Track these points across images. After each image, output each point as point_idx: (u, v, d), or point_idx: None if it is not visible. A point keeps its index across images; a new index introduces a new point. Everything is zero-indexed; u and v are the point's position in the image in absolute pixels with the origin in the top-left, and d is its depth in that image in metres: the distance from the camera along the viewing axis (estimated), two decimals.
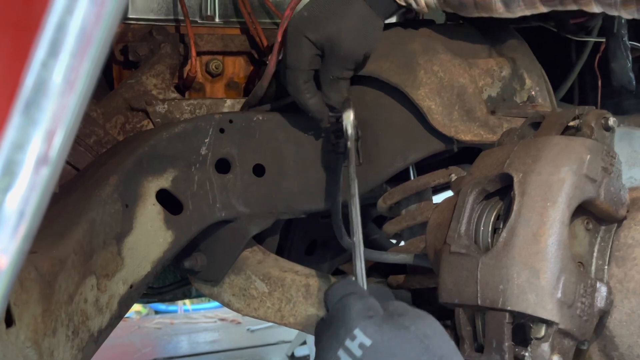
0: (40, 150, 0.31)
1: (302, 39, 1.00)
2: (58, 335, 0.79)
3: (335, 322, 0.64)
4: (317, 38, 0.99)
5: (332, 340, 0.63)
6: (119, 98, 1.17)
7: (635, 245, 0.76)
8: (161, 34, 1.22)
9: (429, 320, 0.64)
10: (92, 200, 0.94)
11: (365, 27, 1.00)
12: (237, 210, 1.08)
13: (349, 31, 0.99)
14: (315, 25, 0.99)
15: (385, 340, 0.61)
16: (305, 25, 1.00)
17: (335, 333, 0.63)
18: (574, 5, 0.96)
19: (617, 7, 0.92)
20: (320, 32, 0.99)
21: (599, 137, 0.78)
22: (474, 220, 0.79)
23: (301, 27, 1.00)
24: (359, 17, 0.99)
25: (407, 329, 0.62)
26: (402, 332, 0.61)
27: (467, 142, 1.06)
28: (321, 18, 0.99)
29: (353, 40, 0.99)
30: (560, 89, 1.41)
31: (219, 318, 3.44)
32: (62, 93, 0.31)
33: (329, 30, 0.99)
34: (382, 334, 0.61)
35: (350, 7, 0.99)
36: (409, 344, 0.61)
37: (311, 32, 0.99)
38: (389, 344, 0.61)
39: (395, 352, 0.60)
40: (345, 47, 0.99)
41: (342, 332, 0.62)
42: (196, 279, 1.16)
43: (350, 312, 0.63)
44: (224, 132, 1.07)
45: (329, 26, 0.98)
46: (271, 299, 1.13)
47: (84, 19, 0.30)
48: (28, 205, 0.31)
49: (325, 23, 0.99)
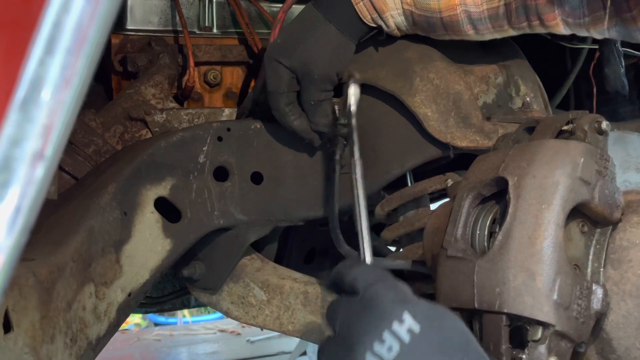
0: (36, 146, 0.31)
1: (277, 65, 1.04)
2: (56, 342, 0.79)
3: (375, 304, 0.61)
4: (291, 64, 1.04)
5: (375, 321, 0.60)
6: (117, 108, 1.18)
7: (631, 247, 0.77)
8: (160, 45, 1.23)
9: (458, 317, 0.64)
10: (90, 209, 0.94)
11: (336, 50, 1.04)
12: (235, 218, 1.09)
13: (320, 55, 1.03)
14: (288, 51, 1.04)
15: (432, 327, 0.60)
16: (278, 52, 1.04)
17: (378, 315, 0.60)
18: (543, 29, 0.98)
19: (587, 27, 0.93)
20: (293, 58, 1.03)
21: (592, 140, 0.79)
22: (470, 224, 0.80)
23: (275, 54, 1.05)
24: (330, 41, 1.03)
25: (449, 316, 0.61)
26: (447, 320, 0.61)
27: (463, 148, 1.06)
28: (293, 44, 1.04)
29: (325, 64, 1.03)
30: (556, 96, 1.42)
31: (218, 329, 3.43)
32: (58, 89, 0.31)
33: (300, 55, 1.03)
34: (430, 320, 0.60)
35: (321, 33, 1.03)
36: (453, 331, 0.60)
37: (285, 58, 1.04)
38: (436, 331, 0.59)
39: (441, 340, 0.59)
40: (318, 71, 1.03)
41: (388, 315, 0.60)
42: (195, 287, 1.16)
43: (392, 296, 0.61)
44: (221, 141, 1.08)
45: (301, 52, 1.03)
46: (270, 306, 1.13)
47: (79, 17, 0.31)
48: (24, 200, 0.32)
49: (297, 49, 1.03)
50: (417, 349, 0.59)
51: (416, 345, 0.59)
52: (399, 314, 0.60)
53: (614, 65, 1.22)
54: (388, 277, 0.65)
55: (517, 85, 1.13)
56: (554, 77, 1.39)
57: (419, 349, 0.59)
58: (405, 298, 0.62)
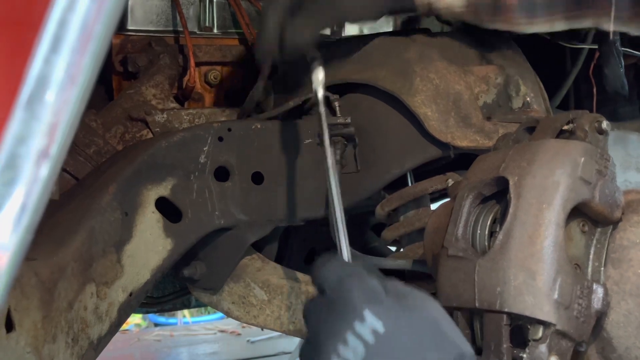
0: (42, 145, 0.31)
1: None
2: (58, 342, 0.79)
3: (338, 304, 0.58)
4: None
5: (337, 323, 0.57)
6: (118, 108, 1.18)
7: (631, 246, 0.77)
8: (160, 45, 1.23)
9: (432, 301, 0.60)
10: (91, 209, 0.95)
11: None
12: (235, 218, 1.09)
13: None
14: None
15: (398, 325, 0.56)
16: None
17: (340, 316, 0.57)
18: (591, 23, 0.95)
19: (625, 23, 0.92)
20: None
21: (592, 140, 0.79)
22: (470, 223, 0.80)
23: None
24: None
25: (418, 311, 0.58)
26: (415, 316, 0.57)
27: (464, 148, 1.06)
28: None
29: None
30: (556, 96, 1.42)
31: (218, 330, 3.43)
32: (64, 88, 0.31)
33: None
34: (394, 319, 0.56)
35: None
36: (422, 328, 0.57)
37: None
38: (403, 330, 0.56)
39: (409, 338, 0.56)
40: None
41: (350, 315, 0.56)
42: (195, 287, 1.16)
43: (355, 294, 0.58)
44: (222, 141, 1.08)
45: None
46: (270, 306, 1.13)
47: (85, 16, 0.31)
48: (30, 198, 0.32)
49: None
50: (383, 350, 0.55)
51: (381, 346, 0.55)
52: (360, 314, 0.56)
53: (614, 65, 1.23)
54: (358, 273, 0.61)
55: (517, 85, 1.13)
56: (554, 77, 1.40)
57: (385, 351, 0.55)
58: (371, 295, 0.58)
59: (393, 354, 0.55)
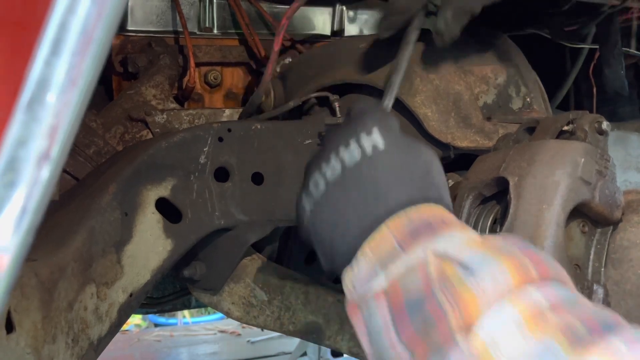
0: (42, 147, 0.31)
1: None
2: (58, 343, 0.79)
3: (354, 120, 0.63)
4: None
5: (347, 131, 0.62)
6: (118, 109, 1.18)
7: (631, 247, 0.77)
8: (160, 46, 1.23)
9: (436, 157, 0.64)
10: (91, 209, 0.94)
11: None
12: (236, 219, 1.09)
13: None
14: None
15: (397, 150, 0.61)
16: None
17: (352, 127, 0.62)
18: None
19: None
20: None
21: (592, 140, 0.79)
22: (471, 224, 0.80)
23: None
24: None
25: (418, 151, 0.62)
26: (413, 151, 0.62)
27: (464, 148, 1.06)
28: None
29: None
30: (556, 96, 1.42)
31: (218, 330, 3.43)
32: (64, 90, 0.31)
33: None
34: (396, 145, 0.61)
35: None
36: (416, 161, 0.61)
37: None
38: (399, 155, 0.61)
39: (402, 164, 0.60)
40: None
41: (360, 128, 0.61)
42: (195, 288, 1.16)
43: (372, 116, 0.63)
44: (222, 141, 1.08)
45: None
46: (270, 307, 1.13)
47: (85, 18, 0.31)
48: (30, 201, 0.32)
49: None
50: (375, 164, 0.60)
51: (375, 160, 0.60)
52: (369, 128, 0.61)
53: (614, 66, 1.22)
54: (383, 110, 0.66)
55: (517, 85, 1.13)
56: (554, 77, 1.40)
57: (376, 165, 0.60)
58: (385, 122, 0.63)
59: (382, 169, 0.60)
